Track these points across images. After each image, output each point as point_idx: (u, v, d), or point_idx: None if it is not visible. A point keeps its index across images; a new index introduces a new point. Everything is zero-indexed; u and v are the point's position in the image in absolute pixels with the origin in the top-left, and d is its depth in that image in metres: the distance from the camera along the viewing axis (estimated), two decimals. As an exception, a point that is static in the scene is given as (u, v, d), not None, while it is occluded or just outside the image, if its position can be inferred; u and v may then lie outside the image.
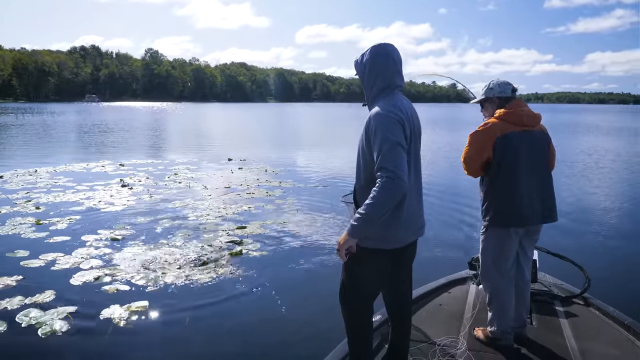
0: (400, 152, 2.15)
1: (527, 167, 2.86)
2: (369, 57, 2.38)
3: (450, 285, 3.97)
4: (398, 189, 2.09)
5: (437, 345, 3.00)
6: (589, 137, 27.38)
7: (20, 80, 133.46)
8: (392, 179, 2.08)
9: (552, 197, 2.97)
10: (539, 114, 2.96)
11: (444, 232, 6.66)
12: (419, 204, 2.44)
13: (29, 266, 5.15)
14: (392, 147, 2.13)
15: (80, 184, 10.08)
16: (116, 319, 3.97)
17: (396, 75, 2.37)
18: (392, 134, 2.16)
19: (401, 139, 2.18)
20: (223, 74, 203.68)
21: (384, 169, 2.11)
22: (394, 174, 2.08)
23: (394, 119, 2.21)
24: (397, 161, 2.11)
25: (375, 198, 2.10)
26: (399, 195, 2.11)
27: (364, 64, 2.40)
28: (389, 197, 2.10)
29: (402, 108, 2.28)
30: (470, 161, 2.93)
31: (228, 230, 6.64)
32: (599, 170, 13.54)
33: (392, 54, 2.38)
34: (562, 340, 3.10)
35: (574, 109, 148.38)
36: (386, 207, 2.13)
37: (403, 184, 2.09)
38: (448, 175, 12.03)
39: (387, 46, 2.39)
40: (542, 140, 2.95)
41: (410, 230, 2.36)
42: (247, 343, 3.70)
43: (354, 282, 2.39)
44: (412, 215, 2.34)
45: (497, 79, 3.06)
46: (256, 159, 14.88)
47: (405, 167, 2.13)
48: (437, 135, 26.95)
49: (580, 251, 5.91)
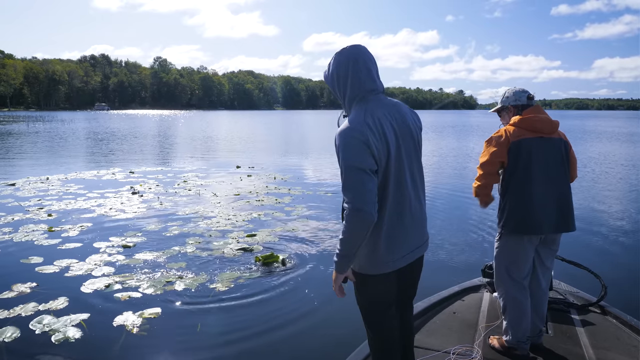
0: (360, 179, 1.93)
1: (542, 174, 2.84)
2: (334, 65, 2.15)
3: (464, 293, 3.94)
4: (359, 221, 1.92)
5: (451, 354, 2.97)
6: (600, 143, 27.17)
7: (32, 89, 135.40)
8: (351, 211, 1.93)
9: (569, 206, 2.91)
10: (557, 121, 2.93)
11: (455, 240, 6.62)
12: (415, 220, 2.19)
13: (42, 272, 5.19)
14: (350, 175, 1.95)
15: (91, 191, 10.17)
16: (129, 326, 3.98)
17: (367, 80, 2.11)
18: (352, 159, 1.95)
19: (363, 163, 1.95)
20: (230, 81, 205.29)
21: (345, 200, 1.96)
22: (352, 205, 1.92)
23: (357, 139, 1.96)
24: (355, 190, 1.93)
25: (343, 233, 1.98)
26: (362, 227, 1.94)
27: (331, 75, 2.17)
28: (353, 230, 1.95)
29: (372, 121, 2.02)
30: (487, 166, 2.91)
31: (238, 237, 6.65)
32: (614, 177, 13.40)
33: (357, 56, 2.11)
34: (579, 349, 3.06)
35: (583, 115, 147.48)
36: (356, 240, 1.97)
37: (363, 214, 1.91)
38: (459, 181, 11.98)
39: (350, 49, 2.13)
40: (559, 147, 2.90)
41: (401, 254, 2.15)
42: (259, 349, 3.69)
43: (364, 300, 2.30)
44: (398, 240, 2.13)
45: (514, 87, 3.08)
46: (264, 167, 14.93)
47: (367, 195, 1.92)
48: (446, 140, 26.91)
49: (596, 259, 5.86)
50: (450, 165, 15.84)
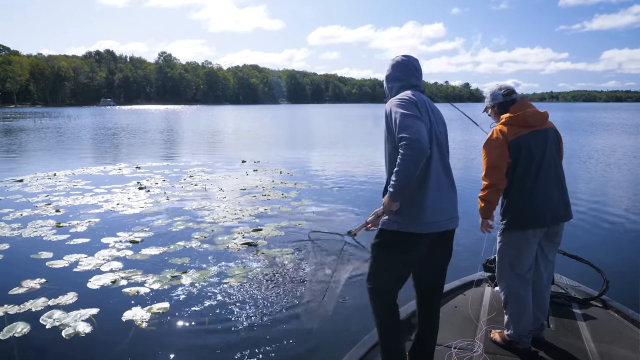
0: (415, 121, 2.29)
1: (542, 168, 2.87)
2: (392, 67, 2.69)
3: (465, 287, 3.97)
4: (417, 149, 2.21)
5: (453, 348, 3.01)
6: (607, 136, 26.97)
7: (38, 85, 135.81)
8: (409, 143, 2.21)
9: (567, 195, 2.98)
10: (545, 112, 2.96)
11: (457, 234, 6.62)
12: (449, 193, 2.51)
13: (52, 267, 5.27)
14: (405, 118, 2.30)
15: (98, 186, 10.27)
16: (138, 321, 4.05)
17: (412, 78, 2.63)
18: (406, 110, 2.34)
19: (415, 111, 2.34)
20: (235, 76, 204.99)
21: (401, 138, 2.25)
22: (409, 138, 2.22)
23: (407, 100, 2.40)
24: (412, 127, 2.25)
25: (399, 165, 2.25)
26: (419, 155, 2.22)
27: (389, 73, 2.70)
28: (410, 159, 2.22)
29: (416, 95, 2.47)
30: (494, 171, 2.87)
31: (244, 232, 6.71)
32: (618, 169, 13.34)
33: (408, 62, 2.67)
34: (580, 343, 3.09)
35: (591, 107, 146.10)
36: (411, 170, 2.24)
37: (420, 144, 2.21)
38: (463, 173, 11.95)
39: (404, 57, 2.69)
40: (553, 138, 2.96)
41: (437, 217, 2.42)
42: (267, 342, 3.73)
43: (381, 268, 2.50)
44: (439, 203, 2.42)
45: (491, 88, 3.13)
46: (270, 161, 14.97)
47: (423, 132, 2.26)
48: (451, 134, 26.75)
49: (598, 252, 5.87)
50: (453, 155, 15.80)
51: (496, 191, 2.90)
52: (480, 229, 3.11)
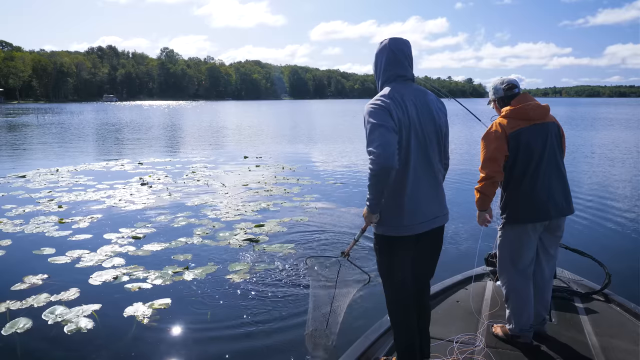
0: (383, 133, 2.21)
1: (543, 161, 2.85)
2: (376, 53, 2.55)
3: (467, 281, 3.97)
4: (381, 165, 2.16)
5: (454, 342, 3.01)
6: (608, 130, 26.86)
7: (40, 81, 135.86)
8: (374, 158, 2.17)
9: (568, 189, 2.96)
10: (547, 105, 2.94)
11: (458, 228, 6.63)
12: (431, 192, 2.45)
13: (54, 263, 5.28)
14: (374, 130, 2.23)
15: (100, 182, 10.28)
16: (140, 317, 4.06)
17: (398, 67, 2.46)
18: (375, 119, 2.26)
19: (384, 121, 2.24)
20: (238, 72, 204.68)
21: (368, 152, 2.22)
22: (375, 153, 2.17)
23: (379, 106, 2.30)
24: (377, 141, 2.19)
25: (368, 179, 2.25)
26: (384, 170, 2.17)
27: (374, 61, 2.57)
28: (376, 174, 2.19)
29: (395, 96, 2.35)
30: (492, 163, 2.86)
31: (246, 228, 6.71)
32: (622, 164, 13.29)
33: (394, 47, 2.48)
34: (582, 337, 3.08)
35: (594, 102, 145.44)
36: (380, 184, 2.23)
37: (385, 160, 2.15)
38: (463, 168, 11.94)
39: (390, 40, 2.50)
40: (554, 132, 2.93)
41: (416, 220, 2.40)
42: (270, 337, 3.74)
43: (383, 271, 2.57)
44: (416, 206, 2.39)
45: (494, 82, 3.11)
46: (272, 157, 14.98)
47: (389, 145, 2.18)
48: (452, 129, 26.70)
49: (600, 247, 5.85)
50: (453, 151, 15.77)
51: (492, 183, 2.89)
52: (477, 222, 3.10)
